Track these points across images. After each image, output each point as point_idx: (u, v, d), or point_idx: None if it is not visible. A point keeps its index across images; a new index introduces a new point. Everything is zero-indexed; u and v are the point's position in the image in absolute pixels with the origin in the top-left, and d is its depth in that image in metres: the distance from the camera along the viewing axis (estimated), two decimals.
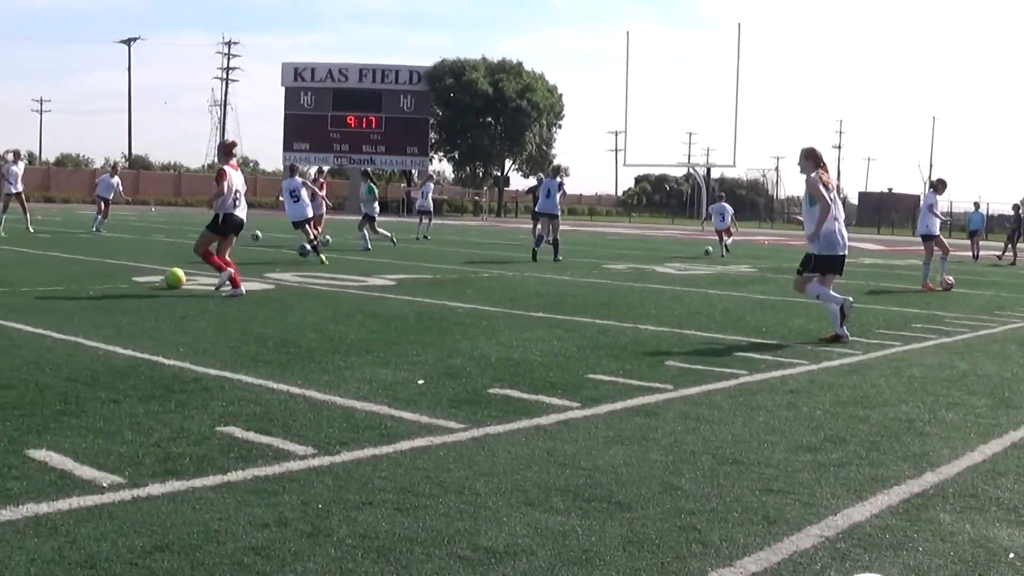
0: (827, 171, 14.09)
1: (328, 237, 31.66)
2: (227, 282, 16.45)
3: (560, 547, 5.16)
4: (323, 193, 31.10)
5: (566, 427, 7.80)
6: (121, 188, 38.77)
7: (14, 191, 33.39)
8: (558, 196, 29.77)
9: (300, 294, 16.88)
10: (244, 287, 16.49)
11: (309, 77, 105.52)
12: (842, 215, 14.43)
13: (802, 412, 8.77)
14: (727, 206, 40.13)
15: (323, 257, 24.85)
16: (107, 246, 28.09)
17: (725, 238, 38.84)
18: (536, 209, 31.48)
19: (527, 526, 5.47)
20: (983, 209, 52.72)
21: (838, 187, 14.32)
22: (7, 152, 35.16)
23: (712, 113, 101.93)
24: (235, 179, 17.35)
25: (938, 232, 24.47)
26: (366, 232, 31.71)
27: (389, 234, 33.26)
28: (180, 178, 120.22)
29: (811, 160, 13.85)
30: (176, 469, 6.20)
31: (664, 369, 10.60)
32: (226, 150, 18.00)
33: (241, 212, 17.41)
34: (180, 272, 17.55)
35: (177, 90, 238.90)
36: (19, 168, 33.62)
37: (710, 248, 38.61)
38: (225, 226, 17.33)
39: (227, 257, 17.23)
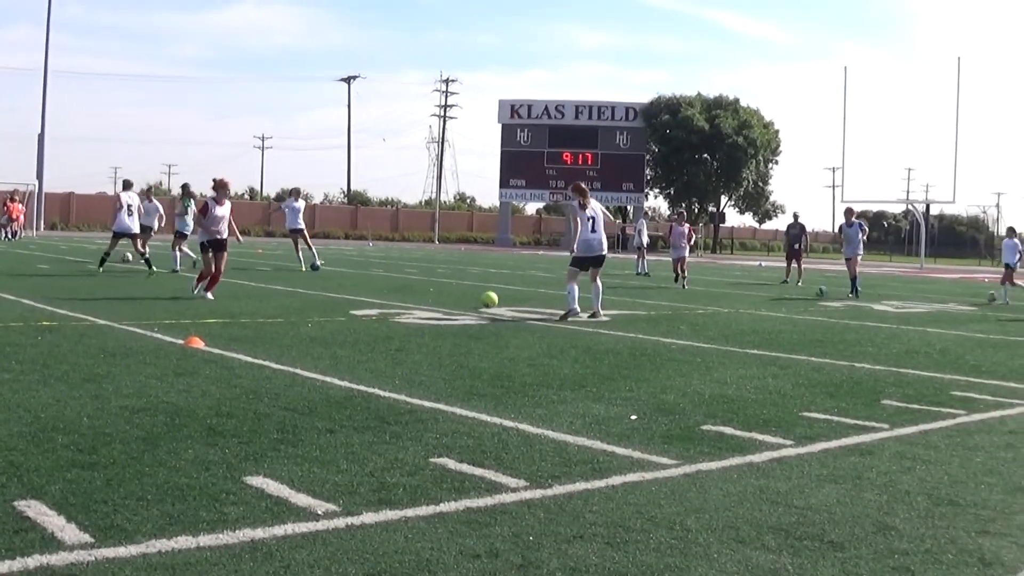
0: (588, 197, 20.11)
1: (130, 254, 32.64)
2: (198, 283, 21.23)
3: None
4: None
5: (779, 465, 7.70)
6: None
7: (297, 227, 33.90)
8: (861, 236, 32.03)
9: (515, 329, 16.96)
10: (460, 321, 16.62)
11: (526, 114, 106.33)
12: (600, 227, 19.90)
13: (1021, 453, 8.52)
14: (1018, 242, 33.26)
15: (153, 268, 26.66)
16: (326, 280, 28.62)
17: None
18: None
19: (738, 563, 5.40)
20: None
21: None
22: (290, 191, 35.83)
23: (931, 148, 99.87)
24: (218, 211, 21.59)
25: None
26: (177, 252, 30.62)
27: (193, 256, 30.74)
28: (398, 213, 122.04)
29: (577, 192, 20.16)
30: (390, 499, 6.27)
31: (880, 408, 10.41)
32: (217, 186, 22.16)
33: (222, 235, 21.63)
34: (494, 295, 21.68)
35: (396, 127, 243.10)
36: (300, 205, 34.06)
37: (824, 287, 33.01)
38: (210, 247, 21.37)
39: (221, 267, 21.41)
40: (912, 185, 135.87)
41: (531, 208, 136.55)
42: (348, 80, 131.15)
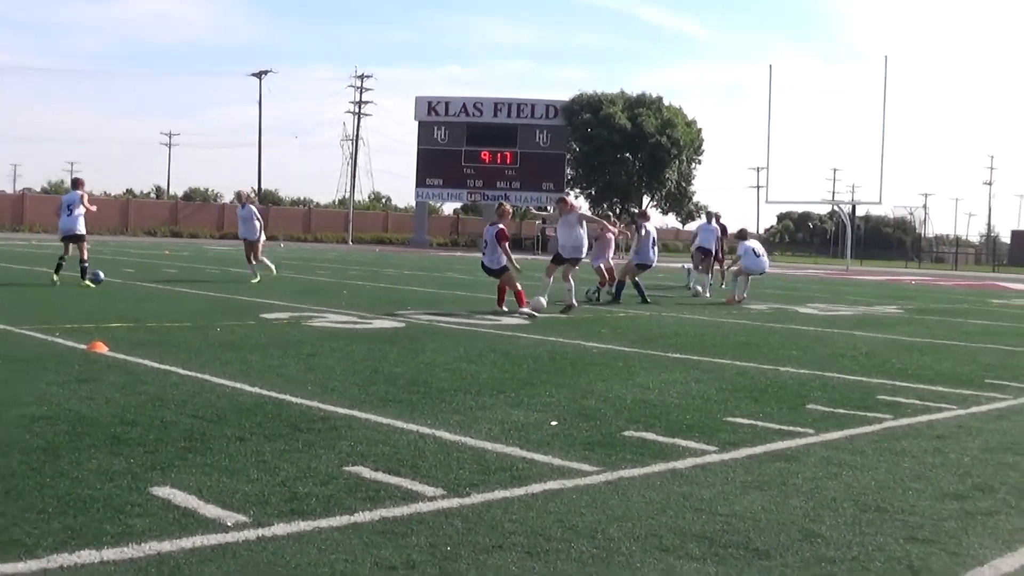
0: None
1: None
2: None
3: None
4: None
5: (703, 471, 7.73)
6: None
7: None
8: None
9: (432, 332, 16.94)
10: (375, 325, 16.60)
11: (443, 111, 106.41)
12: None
13: (949, 458, 8.61)
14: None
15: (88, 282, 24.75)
16: (236, 283, 28.44)
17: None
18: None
19: (661, 573, 5.42)
20: None
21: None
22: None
23: (857, 148, 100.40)
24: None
25: None
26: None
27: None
28: (310, 213, 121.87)
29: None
30: (302, 509, 6.24)
31: (805, 413, 10.48)
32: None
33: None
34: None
35: (309, 125, 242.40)
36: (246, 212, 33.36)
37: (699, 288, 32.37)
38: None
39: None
40: (838, 186, 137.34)
41: (448, 208, 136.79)
42: (259, 75, 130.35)
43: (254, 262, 29.35)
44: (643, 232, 27.68)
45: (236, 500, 6.36)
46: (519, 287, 21.46)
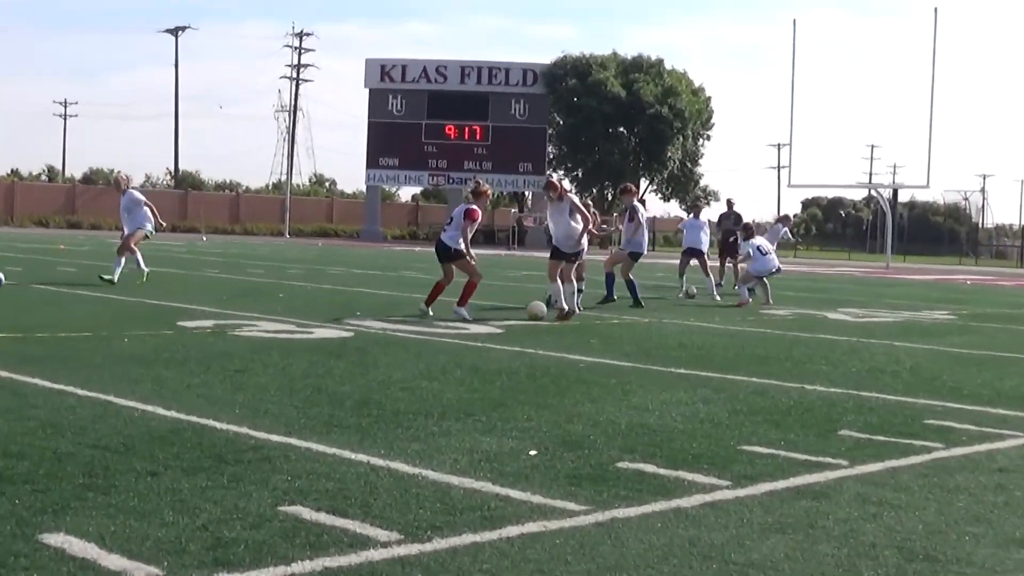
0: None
1: None
2: None
3: None
4: None
5: (713, 511, 7.73)
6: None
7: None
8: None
9: (385, 343, 16.96)
10: (317, 334, 16.62)
11: (399, 77, 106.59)
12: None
13: (1014, 497, 8.61)
14: None
15: None
16: (148, 284, 28.35)
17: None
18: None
19: None
20: None
21: None
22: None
23: (900, 121, 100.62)
24: None
25: None
26: None
27: None
28: (239, 200, 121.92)
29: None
30: (228, 558, 6.21)
31: (837, 440, 10.49)
32: None
33: None
34: (541, 304, 22.72)
35: (236, 93, 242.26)
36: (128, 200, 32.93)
37: (694, 288, 32.91)
38: None
39: None
40: (876, 166, 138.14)
41: (406, 194, 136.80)
42: (174, 32, 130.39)
43: (124, 255, 28.53)
44: (640, 216, 27.79)
45: (146, 548, 6.32)
46: (476, 278, 21.64)
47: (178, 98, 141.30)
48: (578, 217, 22.86)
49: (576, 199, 23.91)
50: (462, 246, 21.77)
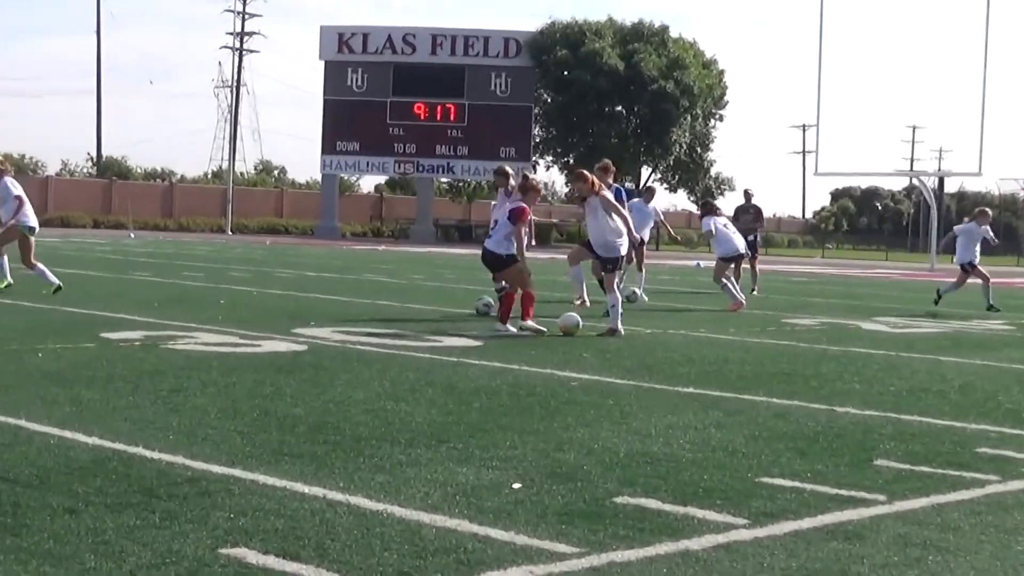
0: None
1: None
2: None
3: None
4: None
5: (727, 554, 7.73)
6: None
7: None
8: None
9: (344, 358, 16.96)
10: (264, 347, 16.65)
11: (359, 47, 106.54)
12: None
13: None
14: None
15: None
16: (66, 289, 28.30)
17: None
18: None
19: None
20: None
21: None
22: None
23: (946, 100, 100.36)
24: None
25: None
26: None
27: None
28: (172, 190, 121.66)
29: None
30: None
31: (873, 472, 10.50)
32: None
33: None
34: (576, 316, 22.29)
35: (169, 65, 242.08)
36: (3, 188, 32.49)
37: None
38: None
39: None
40: (919, 151, 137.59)
41: (368, 184, 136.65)
42: None
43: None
44: (649, 208, 27.94)
45: None
46: (532, 288, 21.52)
47: (100, 71, 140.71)
48: (614, 216, 22.26)
49: (609, 195, 23.18)
50: (514, 251, 21.64)
